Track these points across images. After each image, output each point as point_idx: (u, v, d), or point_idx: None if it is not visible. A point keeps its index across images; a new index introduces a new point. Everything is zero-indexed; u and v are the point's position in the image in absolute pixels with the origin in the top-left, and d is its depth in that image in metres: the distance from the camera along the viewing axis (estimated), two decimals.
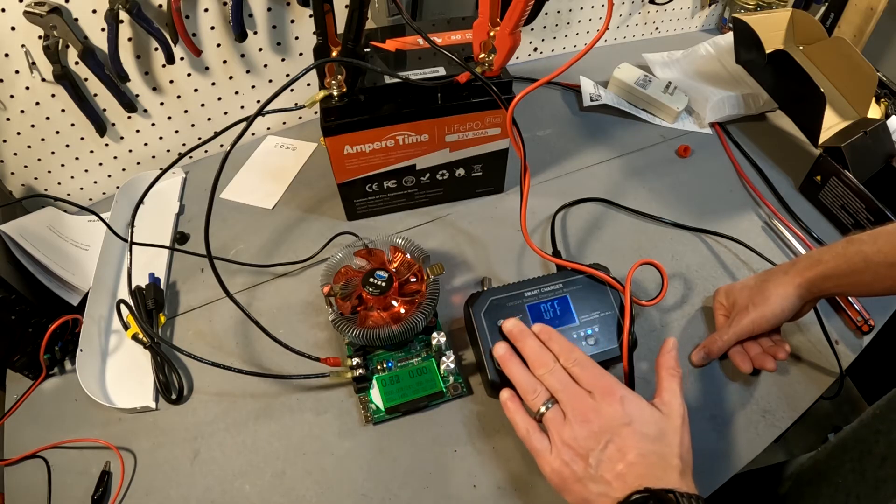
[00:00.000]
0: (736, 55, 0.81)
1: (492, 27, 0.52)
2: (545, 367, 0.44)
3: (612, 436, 0.39)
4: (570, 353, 0.44)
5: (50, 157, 0.66)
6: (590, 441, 0.39)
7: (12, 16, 0.55)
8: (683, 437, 0.40)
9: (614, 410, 0.40)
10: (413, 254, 0.56)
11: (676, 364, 0.44)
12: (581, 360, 0.43)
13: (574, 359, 0.44)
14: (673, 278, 0.63)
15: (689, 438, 0.40)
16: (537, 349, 0.45)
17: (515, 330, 0.47)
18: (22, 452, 0.49)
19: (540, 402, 0.42)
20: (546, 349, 0.45)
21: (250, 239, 0.67)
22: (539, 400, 0.43)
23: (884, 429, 0.42)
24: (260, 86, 0.74)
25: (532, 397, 0.43)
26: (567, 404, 0.41)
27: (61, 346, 0.55)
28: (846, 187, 0.67)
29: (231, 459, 0.49)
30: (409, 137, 0.60)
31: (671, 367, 0.44)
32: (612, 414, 0.40)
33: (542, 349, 0.45)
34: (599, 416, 0.40)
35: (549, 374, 0.43)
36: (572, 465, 0.39)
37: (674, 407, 0.41)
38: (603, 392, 0.41)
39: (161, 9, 0.61)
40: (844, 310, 0.59)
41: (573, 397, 0.41)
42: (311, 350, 0.52)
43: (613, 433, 0.39)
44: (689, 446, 0.40)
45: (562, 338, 0.46)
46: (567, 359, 0.44)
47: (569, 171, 0.76)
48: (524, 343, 0.46)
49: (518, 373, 0.45)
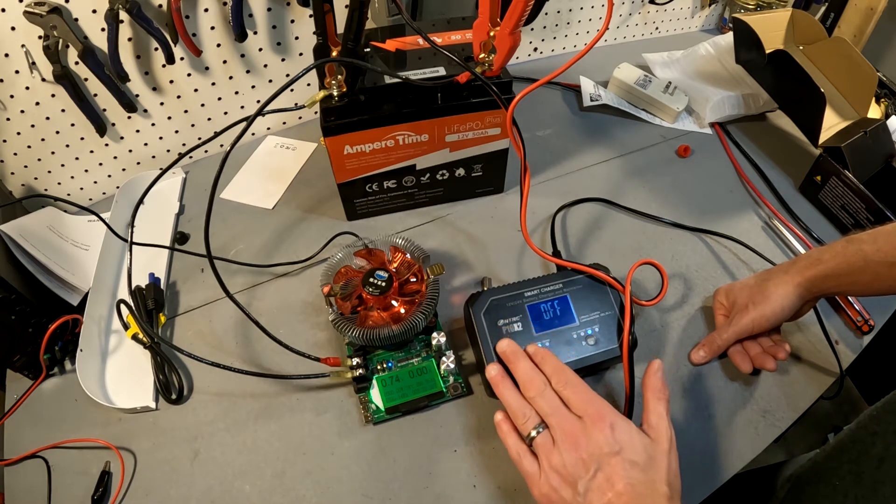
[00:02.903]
0: (736, 55, 0.81)
1: (492, 27, 0.52)
2: (536, 389, 0.43)
3: (600, 464, 0.38)
4: (562, 374, 0.44)
5: (50, 157, 0.66)
6: (578, 468, 0.39)
7: (12, 16, 0.55)
8: (671, 462, 0.40)
9: (604, 437, 0.39)
10: (413, 254, 0.56)
11: (663, 386, 0.44)
12: (573, 383, 0.43)
13: (565, 381, 0.43)
14: (673, 278, 0.63)
15: (677, 462, 0.40)
16: (529, 371, 0.45)
17: (508, 351, 0.47)
18: (22, 452, 0.49)
19: (530, 426, 0.42)
20: (538, 371, 0.45)
21: (250, 239, 0.67)
22: (529, 424, 0.42)
23: (880, 430, 0.42)
24: (260, 86, 0.74)
25: (522, 421, 0.43)
26: (556, 429, 0.41)
27: (61, 346, 0.55)
28: (846, 187, 0.67)
29: (231, 459, 0.49)
30: (409, 137, 0.60)
31: (658, 390, 0.43)
32: (602, 441, 0.39)
33: (534, 371, 0.45)
34: (589, 443, 0.39)
35: (540, 398, 0.43)
36: (560, 491, 0.39)
37: (661, 431, 0.41)
38: (593, 418, 0.40)
39: (161, 9, 0.61)
40: (844, 310, 0.59)
41: (563, 422, 0.41)
42: (311, 350, 0.52)
43: (602, 461, 0.38)
44: (676, 471, 0.40)
45: (555, 360, 0.45)
46: (558, 381, 0.43)
47: (569, 171, 0.76)
48: (516, 365, 0.45)
49: (509, 396, 0.44)
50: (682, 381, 0.54)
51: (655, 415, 0.42)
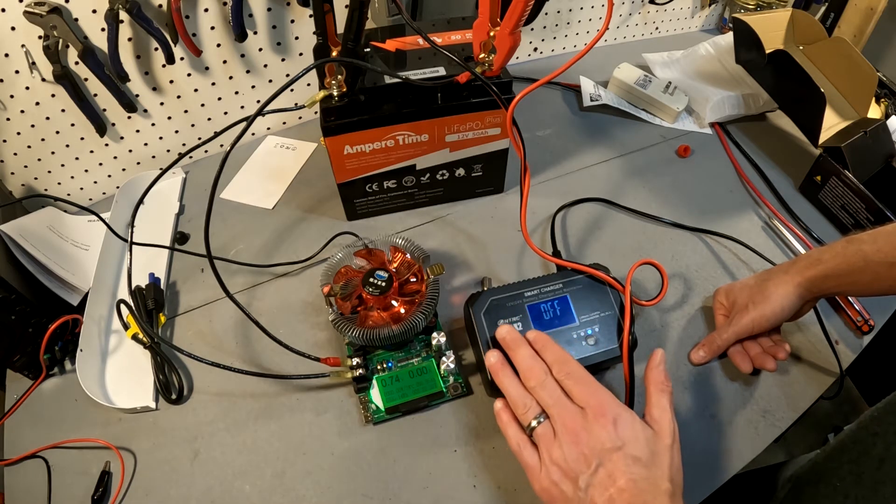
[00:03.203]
0: (736, 55, 0.81)
1: (492, 27, 0.52)
2: (536, 379, 0.42)
3: (602, 459, 0.37)
4: (564, 364, 0.42)
5: (50, 157, 0.66)
6: (580, 463, 0.38)
7: (12, 16, 0.55)
8: (674, 457, 0.39)
9: (606, 433, 0.38)
10: (413, 254, 0.56)
11: (666, 378, 0.42)
12: (575, 373, 0.42)
13: (567, 371, 0.42)
14: (673, 278, 0.63)
15: (680, 457, 0.39)
16: (529, 359, 0.43)
17: (508, 338, 0.46)
18: (22, 452, 0.49)
19: (531, 416, 0.41)
20: (539, 359, 0.43)
21: (250, 239, 0.67)
22: (530, 414, 0.41)
23: (881, 431, 0.42)
24: (260, 86, 0.74)
25: (523, 411, 0.42)
26: (557, 421, 0.40)
27: (61, 346, 0.55)
28: (846, 187, 0.67)
29: (231, 459, 0.49)
30: (409, 137, 0.60)
31: (660, 382, 0.42)
32: (604, 436, 0.38)
33: (535, 359, 0.43)
34: (590, 438, 0.38)
35: (541, 388, 0.42)
36: (561, 485, 0.38)
37: (664, 424, 0.40)
38: (595, 411, 0.39)
39: (161, 9, 0.61)
40: (844, 310, 0.59)
41: (564, 414, 0.40)
42: (311, 350, 0.52)
43: (604, 457, 0.37)
44: (679, 466, 0.39)
45: (556, 347, 0.44)
46: (560, 370, 0.42)
47: (569, 171, 0.76)
48: (516, 352, 0.44)
49: (509, 385, 0.43)
50: (682, 381, 0.54)
51: (658, 408, 0.41)
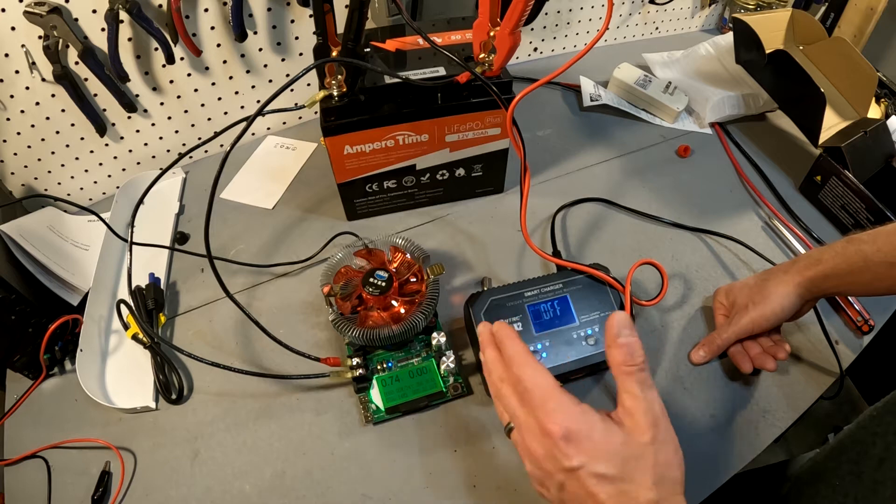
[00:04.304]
0: (736, 55, 0.81)
1: (492, 27, 0.52)
2: (493, 388, 0.38)
3: (564, 479, 0.33)
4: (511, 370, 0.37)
5: (50, 157, 0.66)
6: (545, 479, 0.34)
7: (12, 16, 0.55)
8: (658, 453, 0.32)
9: (560, 452, 0.33)
10: (413, 254, 0.56)
11: (630, 356, 0.34)
12: (524, 380, 0.35)
13: (517, 377, 0.36)
14: (673, 278, 0.63)
15: (671, 447, 0.33)
16: (489, 364, 0.39)
17: (482, 337, 0.41)
18: (22, 452, 0.49)
19: (504, 420, 0.38)
20: (498, 362, 0.38)
21: (250, 239, 0.67)
22: (504, 418, 0.38)
23: (881, 431, 0.42)
24: (260, 86, 0.74)
25: (500, 411, 0.38)
26: (517, 432, 0.36)
27: (61, 346, 0.55)
28: (846, 187, 0.67)
29: (231, 459, 0.49)
30: (409, 137, 0.60)
31: (622, 363, 0.34)
32: (558, 456, 0.33)
33: (494, 363, 0.39)
34: (545, 459, 0.34)
35: (497, 398, 0.38)
36: (541, 488, 0.36)
37: (637, 416, 0.33)
38: (544, 430, 0.33)
39: (161, 9, 0.61)
40: (844, 310, 0.59)
41: (521, 428, 0.35)
42: (311, 350, 0.52)
43: (565, 477, 0.33)
44: (668, 461, 0.33)
45: (512, 345, 0.38)
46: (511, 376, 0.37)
47: (569, 171, 0.76)
48: (483, 354, 0.40)
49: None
50: (682, 381, 0.54)
51: (629, 396, 0.34)
